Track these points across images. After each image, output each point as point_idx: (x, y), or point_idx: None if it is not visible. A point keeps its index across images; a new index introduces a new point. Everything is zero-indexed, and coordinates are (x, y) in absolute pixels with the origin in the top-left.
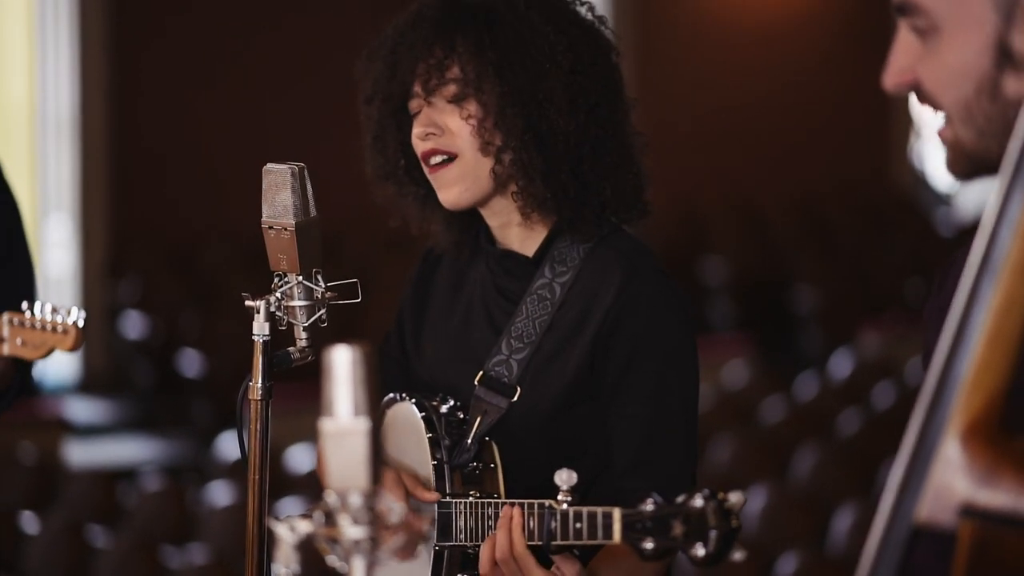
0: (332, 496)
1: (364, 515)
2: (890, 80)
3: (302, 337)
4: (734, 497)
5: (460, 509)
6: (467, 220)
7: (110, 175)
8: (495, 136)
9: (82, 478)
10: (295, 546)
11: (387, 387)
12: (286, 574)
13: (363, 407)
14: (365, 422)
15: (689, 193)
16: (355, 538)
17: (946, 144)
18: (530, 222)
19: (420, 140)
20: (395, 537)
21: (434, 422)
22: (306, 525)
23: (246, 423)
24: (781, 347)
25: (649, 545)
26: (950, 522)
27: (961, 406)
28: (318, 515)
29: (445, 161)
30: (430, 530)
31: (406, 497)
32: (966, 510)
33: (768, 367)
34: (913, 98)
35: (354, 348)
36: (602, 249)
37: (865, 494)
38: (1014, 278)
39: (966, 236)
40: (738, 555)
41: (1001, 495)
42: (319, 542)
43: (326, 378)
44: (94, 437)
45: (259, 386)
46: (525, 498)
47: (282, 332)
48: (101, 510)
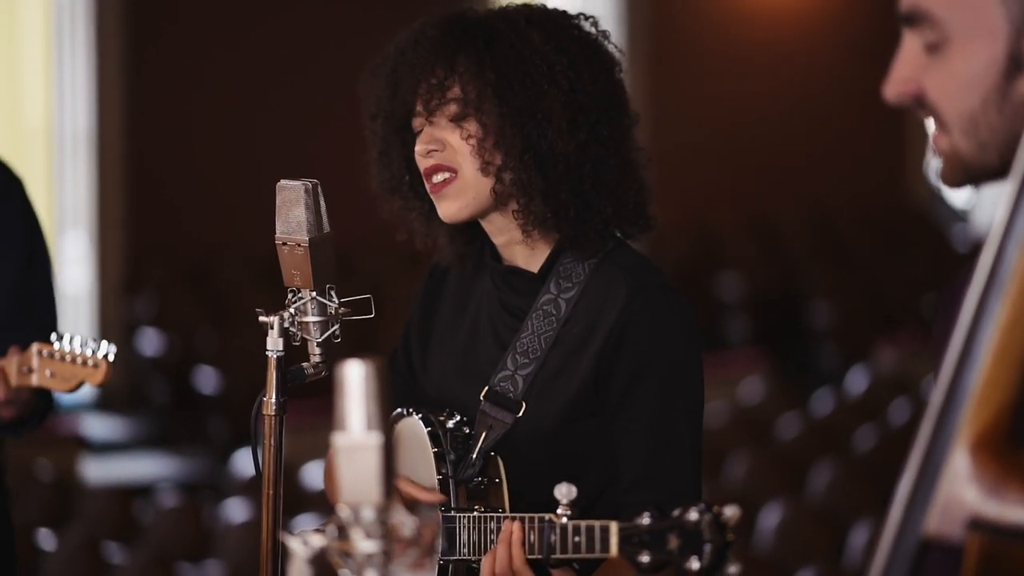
0: (345, 510)
1: (377, 529)
2: (892, 90)
3: (316, 353)
4: (729, 511)
5: (464, 523)
6: (471, 234)
7: (126, 193)
8: (495, 156)
9: (99, 495)
10: (308, 560)
11: (394, 402)
12: None
13: (376, 422)
14: (378, 436)
15: (704, 209)
16: (368, 552)
17: (942, 154)
18: (532, 239)
19: (422, 157)
20: (407, 551)
21: (440, 437)
22: (319, 539)
23: (260, 439)
24: (797, 363)
25: (645, 558)
26: (958, 535)
27: (969, 419)
28: (331, 529)
29: (447, 180)
30: (438, 542)
31: (408, 504)
32: (974, 523)
33: (784, 383)
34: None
35: (367, 363)
36: (607, 265)
37: (882, 510)
38: (1022, 291)
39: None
40: (733, 569)
41: (1009, 508)
42: (332, 556)
43: (339, 393)
44: (111, 454)
45: (273, 402)
46: (530, 513)
47: (296, 348)
48: (118, 527)
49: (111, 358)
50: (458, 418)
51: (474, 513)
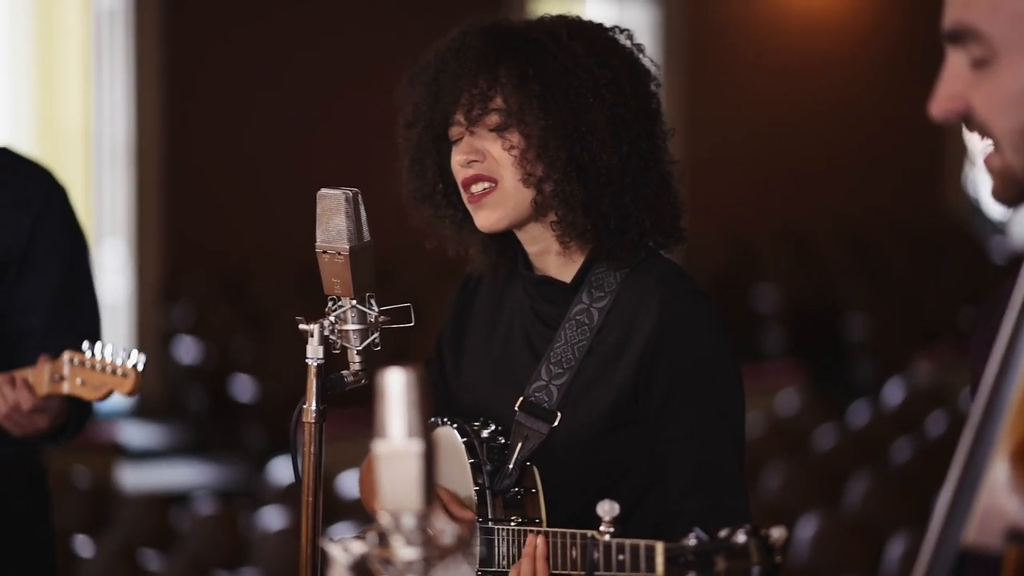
0: (385, 517)
1: (417, 536)
2: (938, 107)
3: (356, 361)
4: (776, 533)
5: (503, 536)
6: (504, 242)
7: (164, 201)
8: (537, 167)
9: (136, 502)
10: (349, 567)
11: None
12: None
13: (416, 429)
14: (418, 444)
15: (740, 220)
16: (408, 559)
17: (993, 172)
18: (568, 250)
19: (461, 167)
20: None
21: (476, 447)
22: (360, 546)
23: (300, 446)
24: (833, 375)
25: None
26: (997, 545)
27: (1009, 430)
28: (371, 536)
29: (487, 190)
30: (475, 551)
31: (444, 515)
32: (1013, 534)
33: (820, 395)
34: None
35: (408, 370)
36: (639, 274)
37: (918, 522)
38: None
39: (1020, 264)
40: None
41: None
42: (372, 563)
43: (380, 400)
44: (148, 461)
45: (313, 409)
46: (567, 523)
47: (335, 356)
48: (154, 534)
49: (141, 367)
50: (493, 428)
51: (512, 525)
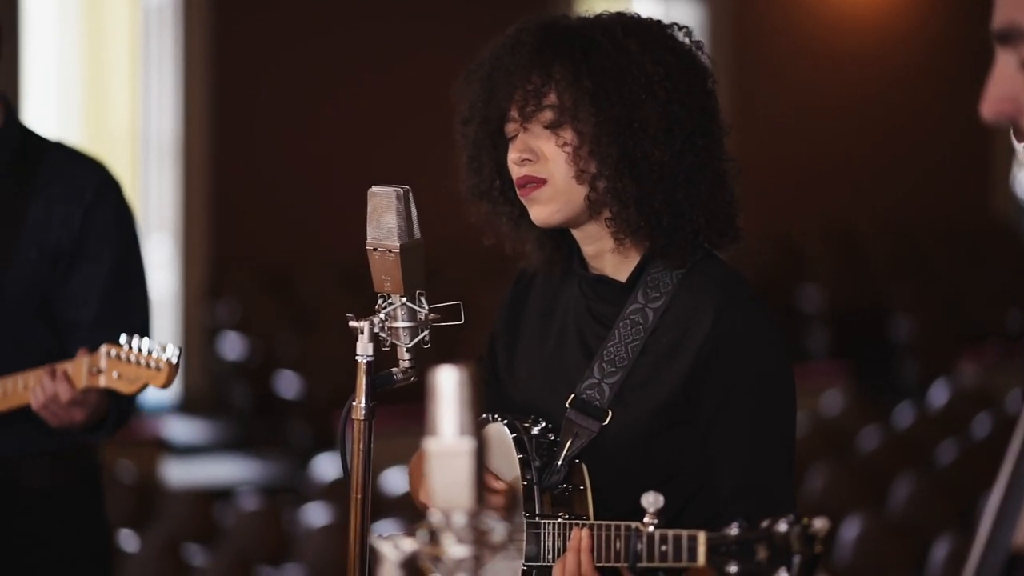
0: (436, 515)
1: (468, 534)
2: (989, 109)
3: (405, 358)
4: (818, 523)
5: (549, 530)
6: (559, 239)
7: (210, 198)
8: (590, 164)
9: (180, 497)
10: (399, 564)
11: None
12: None
13: (468, 427)
14: (469, 442)
15: (786, 220)
16: (459, 557)
17: None
18: (623, 248)
19: (515, 165)
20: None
21: (525, 443)
22: (410, 543)
23: (349, 443)
24: (878, 376)
25: (733, 568)
26: None
27: None
28: (422, 533)
29: (536, 186)
30: (521, 546)
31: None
32: None
33: (865, 396)
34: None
35: (460, 369)
36: (695, 276)
37: (963, 525)
38: None
39: None
40: None
41: None
42: (423, 560)
43: (431, 398)
44: (192, 457)
45: (362, 406)
46: (614, 521)
47: (382, 353)
48: (199, 529)
49: (175, 361)
50: (543, 425)
51: (558, 520)
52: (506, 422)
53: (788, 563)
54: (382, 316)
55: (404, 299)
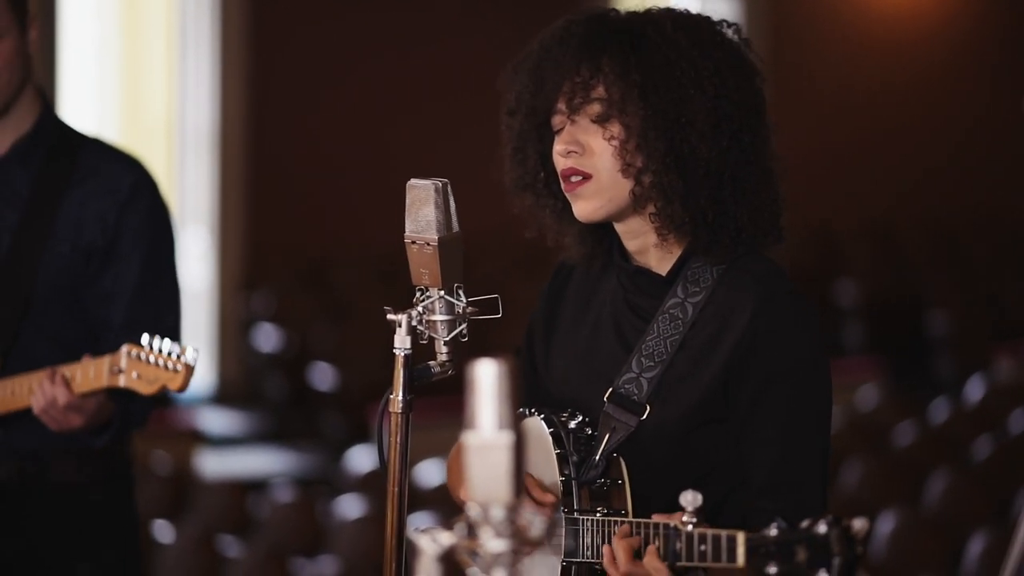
0: (474, 509)
1: (506, 528)
2: None
3: (443, 351)
4: (858, 524)
5: (587, 526)
6: (600, 233)
7: (247, 190)
8: (636, 158)
9: (215, 488)
10: (437, 558)
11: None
12: None
13: (506, 421)
14: (508, 436)
15: (822, 215)
16: (497, 551)
17: None
18: (666, 243)
19: (561, 157)
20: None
21: (562, 438)
22: (448, 537)
23: (386, 436)
24: (914, 371)
25: (773, 570)
26: None
27: None
28: (460, 527)
29: (581, 180)
30: (559, 541)
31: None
32: None
33: (900, 391)
34: None
35: (499, 362)
36: (736, 271)
37: (998, 521)
38: None
39: None
40: None
41: None
42: (460, 554)
43: (470, 392)
44: (227, 448)
45: (400, 399)
46: (652, 516)
47: (418, 346)
48: (233, 520)
49: (192, 363)
50: (580, 419)
51: (597, 515)
52: (543, 416)
53: (828, 564)
54: (420, 309)
55: (442, 292)
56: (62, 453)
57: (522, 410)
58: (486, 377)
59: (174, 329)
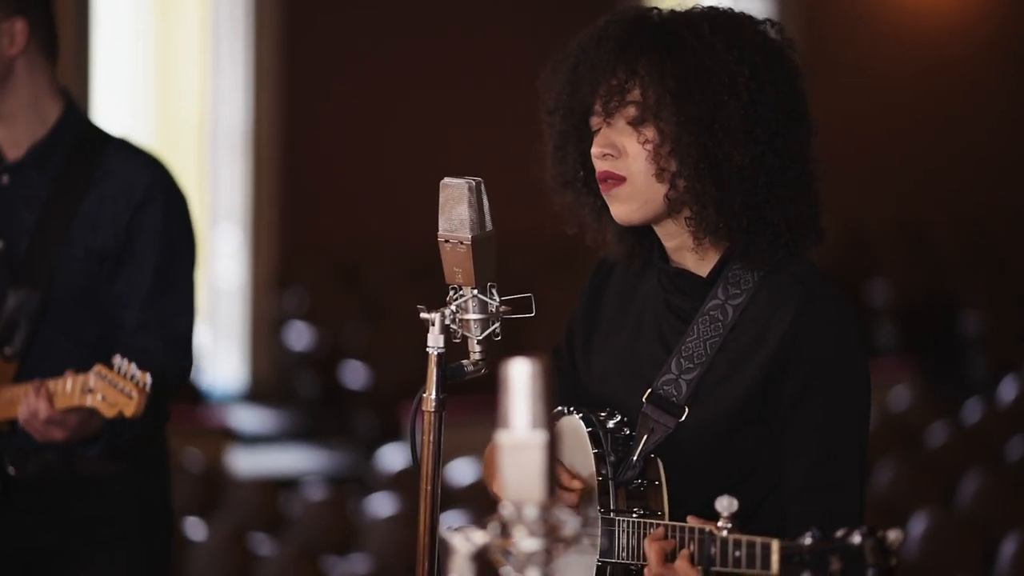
0: (508, 508)
1: (539, 527)
2: None
3: (476, 350)
4: (892, 535)
5: (623, 527)
6: (641, 232)
7: (279, 188)
8: (670, 163)
9: (246, 486)
10: (470, 557)
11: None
12: None
13: (540, 420)
14: (542, 435)
15: (855, 214)
16: (530, 550)
17: None
18: (702, 246)
19: (598, 159)
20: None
21: (600, 437)
22: (482, 536)
23: (419, 434)
24: (946, 372)
25: None
26: None
27: None
28: (493, 526)
29: (616, 183)
30: (595, 541)
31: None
32: None
33: (933, 391)
34: None
35: (533, 361)
36: (777, 274)
37: None
38: None
39: None
40: None
41: None
42: (494, 553)
43: (504, 391)
44: (259, 446)
45: (433, 398)
46: (687, 518)
47: (450, 345)
48: (265, 518)
49: (148, 389)
50: (619, 418)
51: (633, 516)
52: (581, 415)
53: (861, 575)
54: (453, 308)
55: (475, 291)
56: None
57: (560, 408)
58: (520, 376)
59: (186, 335)
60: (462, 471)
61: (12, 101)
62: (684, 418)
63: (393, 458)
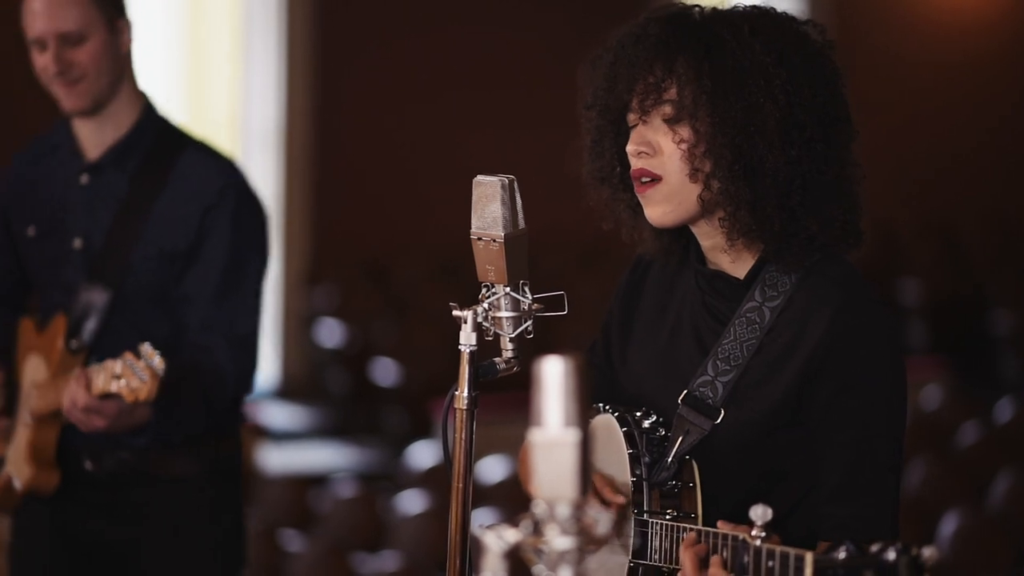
0: (540, 506)
1: (572, 526)
2: None
3: (508, 348)
4: (927, 552)
5: (656, 529)
6: (677, 230)
7: (311, 185)
8: (705, 163)
9: (276, 483)
10: (502, 554)
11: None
12: None
13: (573, 418)
14: (575, 433)
15: (886, 214)
16: (563, 549)
17: None
18: (736, 248)
19: (633, 157)
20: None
21: (635, 437)
22: (514, 534)
23: (450, 432)
24: (977, 371)
25: None
26: None
27: None
28: (526, 524)
29: (651, 181)
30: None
31: (597, 500)
32: None
33: (964, 391)
34: None
35: (566, 359)
36: (814, 276)
37: None
38: None
39: None
40: None
41: None
42: (526, 551)
43: (536, 388)
44: (289, 443)
45: (465, 396)
46: (723, 519)
47: (482, 343)
48: (295, 515)
49: (159, 372)
50: (654, 418)
51: (667, 519)
52: (616, 415)
53: None
54: (485, 305)
55: (508, 289)
56: (162, 447)
57: (596, 406)
58: (553, 374)
59: (248, 337)
60: (493, 468)
61: (118, 100)
62: (719, 421)
63: (423, 455)
